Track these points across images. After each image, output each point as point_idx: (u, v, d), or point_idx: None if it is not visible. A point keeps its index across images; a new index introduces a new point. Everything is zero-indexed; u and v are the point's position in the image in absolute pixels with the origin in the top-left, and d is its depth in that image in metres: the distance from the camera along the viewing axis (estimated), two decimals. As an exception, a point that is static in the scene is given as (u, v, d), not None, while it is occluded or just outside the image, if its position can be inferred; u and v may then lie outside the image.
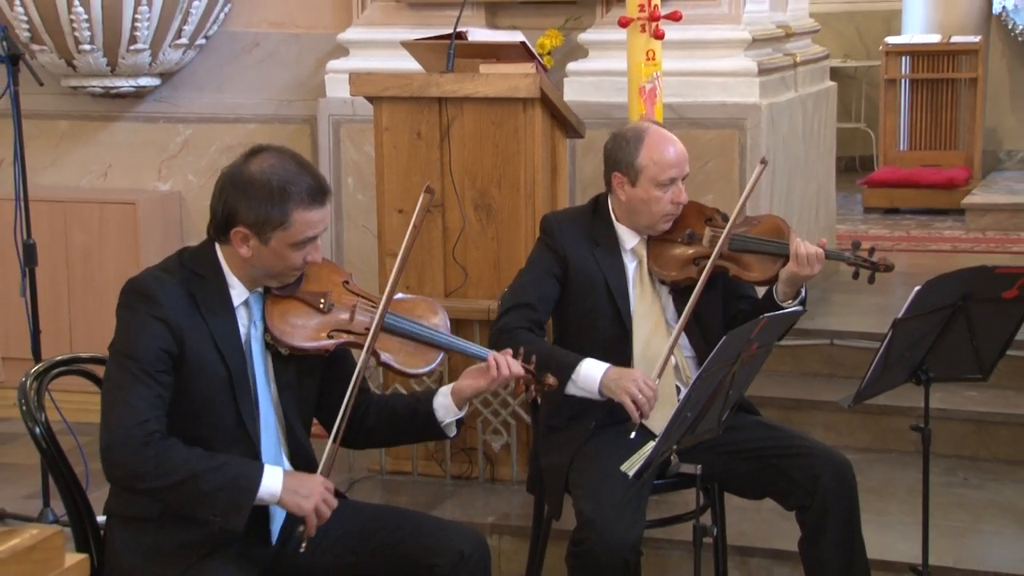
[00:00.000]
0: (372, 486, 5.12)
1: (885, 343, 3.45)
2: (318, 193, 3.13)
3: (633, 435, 3.54)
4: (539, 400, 3.53)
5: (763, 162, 4.07)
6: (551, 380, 3.38)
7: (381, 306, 3.21)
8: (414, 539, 3.25)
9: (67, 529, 3.28)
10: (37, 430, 3.26)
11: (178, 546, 3.10)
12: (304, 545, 3.13)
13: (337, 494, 3.28)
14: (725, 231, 3.88)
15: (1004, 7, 8.93)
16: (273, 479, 3.05)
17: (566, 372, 3.75)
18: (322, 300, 3.23)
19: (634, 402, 3.64)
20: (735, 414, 3.57)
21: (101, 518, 3.28)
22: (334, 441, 3.17)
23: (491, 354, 3.30)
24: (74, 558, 2.44)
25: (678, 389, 3.87)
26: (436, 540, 3.23)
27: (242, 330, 3.19)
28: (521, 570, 4.27)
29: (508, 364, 3.27)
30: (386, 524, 3.31)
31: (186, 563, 3.08)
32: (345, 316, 3.25)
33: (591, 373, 3.75)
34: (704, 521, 3.32)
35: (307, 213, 3.10)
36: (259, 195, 3.08)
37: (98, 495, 3.39)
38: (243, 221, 3.09)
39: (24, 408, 3.26)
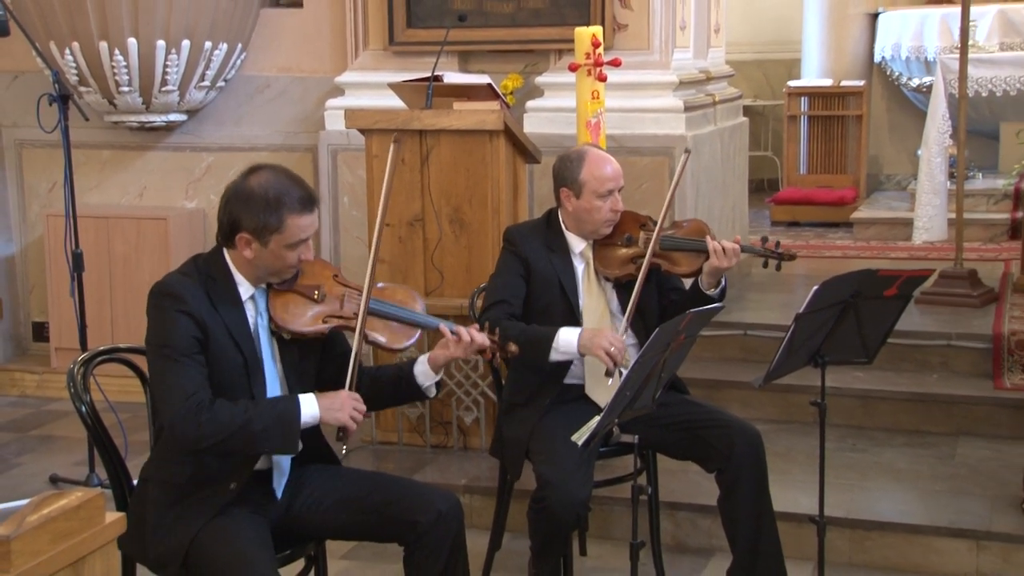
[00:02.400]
0: (364, 455, 5.11)
1: (789, 333, 3.46)
2: (307, 202, 3.13)
3: (610, 382, 3.57)
4: (506, 363, 3.50)
5: (687, 151, 4.09)
6: (513, 348, 3.37)
7: (364, 294, 3.22)
8: (399, 500, 3.25)
9: (108, 491, 3.28)
10: (83, 409, 3.25)
11: (202, 504, 3.09)
12: (345, 449, 3.23)
13: (334, 460, 3.28)
14: (655, 233, 3.89)
15: (883, 57, 8.99)
16: (309, 405, 3.09)
17: (547, 342, 3.76)
18: (316, 292, 3.24)
19: (608, 355, 3.66)
20: (666, 393, 3.57)
21: (137, 482, 3.28)
22: (352, 370, 3.20)
23: (457, 329, 3.30)
24: (112, 516, 2.44)
25: (620, 372, 3.88)
26: (417, 501, 3.23)
27: (251, 321, 3.18)
28: (489, 524, 4.26)
29: (472, 334, 3.28)
30: (375, 488, 3.30)
31: (207, 518, 3.07)
32: (336, 304, 3.26)
33: (568, 338, 3.75)
34: (641, 482, 3.33)
35: (299, 218, 3.10)
36: (258, 205, 3.08)
37: (135, 462, 3.39)
38: (245, 228, 3.10)
39: (72, 390, 3.26)
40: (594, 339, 3.71)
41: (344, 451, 3.24)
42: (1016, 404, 4.63)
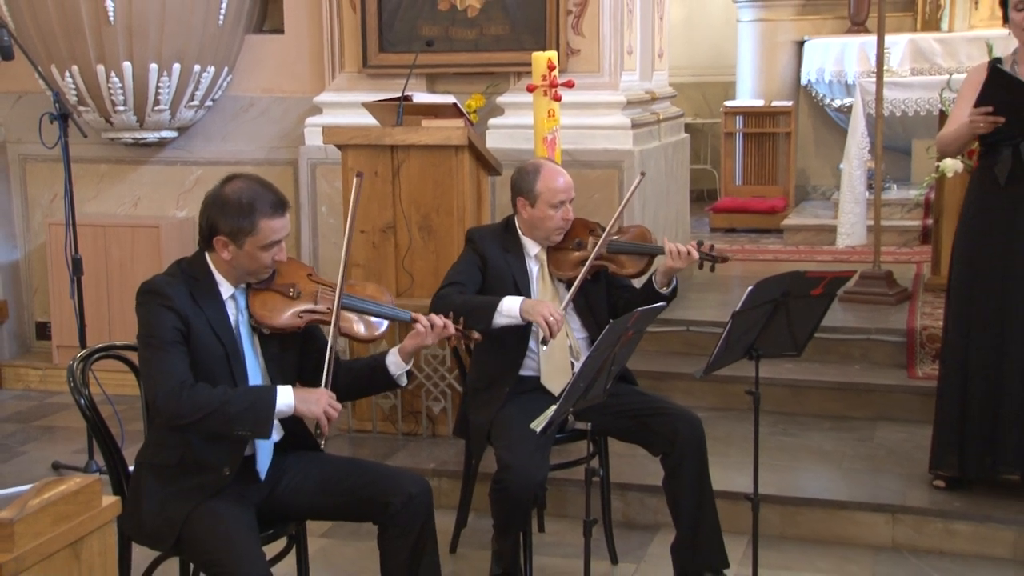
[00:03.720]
0: (341, 442, 5.07)
1: (726, 329, 3.46)
2: (279, 206, 3.11)
3: (545, 348, 3.56)
4: (469, 348, 3.48)
5: (642, 174, 4.12)
6: (476, 335, 3.36)
7: (338, 289, 3.20)
8: (373, 483, 3.23)
9: (105, 477, 3.25)
10: (82, 401, 3.22)
11: (192, 488, 3.06)
12: (323, 442, 3.18)
13: (317, 447, 3.26)
14: (601, 239, 3.89)
15: (809, 80, 9.03)
16: (285, 395, 3.05)
17: (492, 306, 3.74)
18: (292, 289, 3.22)
19: (546, 322, 3.65)
20: (617, 384, 3.56)
21: (133, 468, 3.24)
22: (328, 367, 3.17)
23: (422, 317, 3.28)
24: (109, 499, 2.41)
25: (572, 364, 3.87)
26: (390, 483, 3.21)
27: (232, 318, 3.16)
28: (456, 504, 4.25)
29: (436, 323, 3.26)
30: (352, 472, 3.28)
31: (197, 501, 3.04)
32: (311, 300, 3.23)
33: (512, 304, 3.74)
34: (593, 465, 3.33)
35: (271, 222, 3.08)
36: (233, 210, 3.06)
37: (131, 450, 3.36)
38: (222, 231, 3.07)
39: (72, 384, 3.22)
40: (536, 307, 3.70)
41: (323, 444, 3.21)
42: (927, 391, 4.65)
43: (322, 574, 4.02)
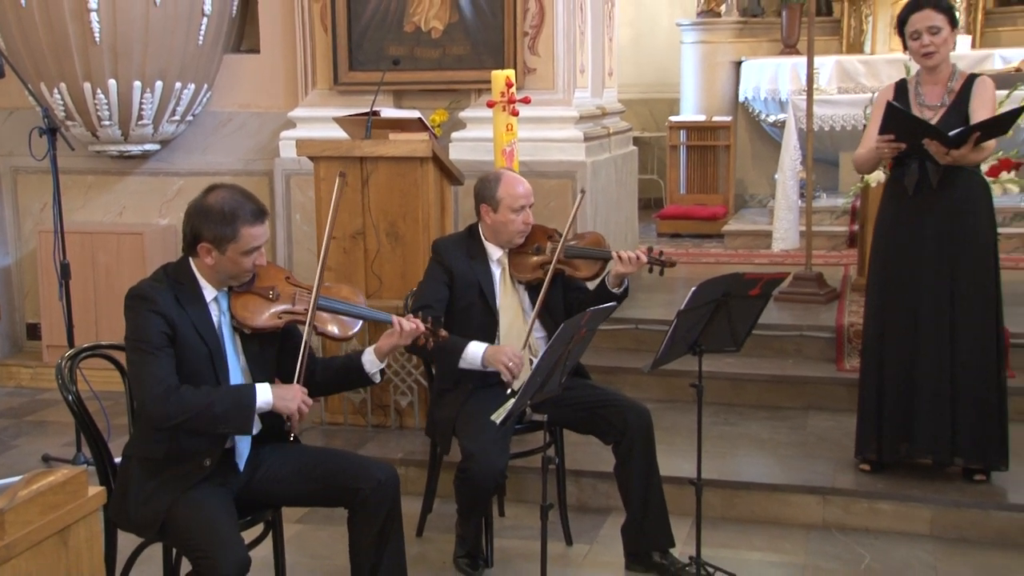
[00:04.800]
0: (316, 433, 5.04)
1: (672, 327, 3.47)
2: (259, 214, 3.09)
3: (509, 391, 3.54)
4: (435, 345, 3.46)
5: (582, 191, 4.16)
6: (443, 333, 3.35)
7: (314, 292, 3.18)
8: (344, 471, 3.21)
9: (92, 468, 3.21)
10: (69, 397, 3.18)
11: (175, 478, 3.03)
12: (293, 436, 3.17)
13: (293, 439, 3.23)
14: (560, 244, 3.90)
15: (746, 97, 9.09)
16: (264, 393, 3.03)
17: (456, 352, 3.74)
18: (271, 292, 3.19)
19: (507, 368, 3.65)
20: (571, 378, 3.56)
21: (118, 459, 3.20)
22: (301, 365, 3.15)
23: (396, 318, 3.27)
24: (94, 490, 2.39)
25: (531, 361, 3.87)
26: (360, 471, 3.20)
27: (215, 319, 3.13)
28: (422, 491, 4.23)
29: (405, 323, 3.24)
30: (324, 461, 3.26)
31: (180, 490, 3.01)
32: (289, 302, 3.20)
33: (475, 352, 3.74)
34: (550, 453, 3.32)
35: (251, 229, 3.06)
36: (215, 218, 3.04)
37: (117, 443, 3.33)
38: (205, 238, 3.05)
39: (60, 382, 3.18)
40: (496, 355, 3.70)
41: (292, 437, 3.18)
42: (853, 383, 4.68)
43: (297, 557, 3.99)
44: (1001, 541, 4.10)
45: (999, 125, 3.97)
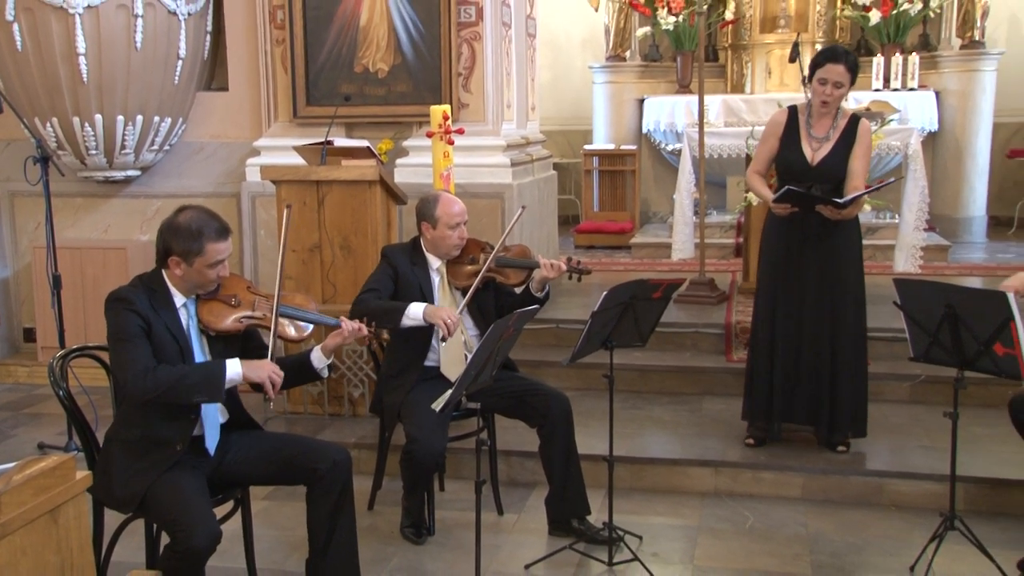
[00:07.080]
0: (279, 422, 4.97)
1: (587, 326, 3.48)
2: (223, 231, 3.05)
3: (443, 343, 3.54)
4: (382, 344, 3.41)
5: (522, 207, 4.15)
6: (385, 335, 3.32)
7: (276, 299, 3.14)
8: (303, 453, 3.17)
9: (81, 454, 3.14)
10: (60, 392, 3.11)
11: (152, 462, 2.98)
12: (271, 404, 3.11)
13: (257, 426, 3.18)
14: (491, 256, 3.90)
15: (649, 129, 9.18)
16: (234, 366, 2.98)
17: (400, 310, 3.70)
18: (233, 299, 3.15)
19: (444, 323, 3.63)
20: (501, 371, 3.56)
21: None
22: (271, 348, 3.11)
23: (342, 319, 3.24)
24: (81, 474, 2.33)
25: (466, 356, 3.86)
26: (318, 453, 3.17)
27: (184, 322, 3.07)
28: (372, 470, 4.20)
29: (351, 325, 3.21)
30: (286, 445, 3.23)
31: (157, 472, 2.96)
32: (249, 308, 3.16)
33: (416, 309, 3.70)
34: (483, 436, 3.31)
35: (216, 244, 3.02)
36: (184, 235, 3.00)
37: (103, 432, 3.23)
38: (175, 252, 3.01)
39: (52, 379, 3.12)
40: (436, 311, 3.69)
41: (271, 405, 3.14)
42: (740, 372, 4.75)
43: (263, 529, 3.93)
44: (859, 501, 4.19)
45: (879, 190, 4.13)
